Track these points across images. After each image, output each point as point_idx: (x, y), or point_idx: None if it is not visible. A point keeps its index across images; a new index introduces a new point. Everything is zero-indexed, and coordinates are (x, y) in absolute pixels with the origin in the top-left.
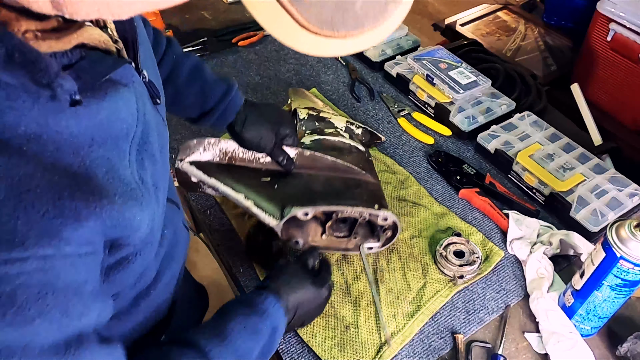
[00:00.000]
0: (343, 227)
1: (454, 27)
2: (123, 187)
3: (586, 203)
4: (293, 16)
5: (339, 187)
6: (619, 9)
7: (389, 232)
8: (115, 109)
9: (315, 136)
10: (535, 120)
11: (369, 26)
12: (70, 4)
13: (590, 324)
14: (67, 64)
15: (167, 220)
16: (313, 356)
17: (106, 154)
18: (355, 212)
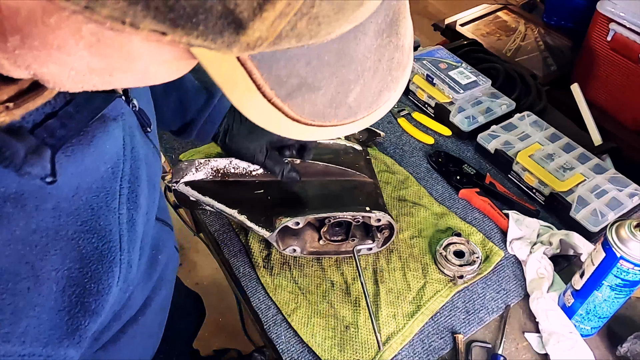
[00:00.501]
0: (339, 231)
1: (454, 27)
2: (97, 242)
3: (586, 203)
4: (287, 114)
5: (333, 191)
6: (619, 9)
7: (385, 232)
8: (102, 151)
9: None
10: (535, 120)
11: (361, 115)
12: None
13: (590, 324)
14: (51, 112)
15: (161, 244)
16: (313, 356)
17: (91, 202)
18: (347, 216)
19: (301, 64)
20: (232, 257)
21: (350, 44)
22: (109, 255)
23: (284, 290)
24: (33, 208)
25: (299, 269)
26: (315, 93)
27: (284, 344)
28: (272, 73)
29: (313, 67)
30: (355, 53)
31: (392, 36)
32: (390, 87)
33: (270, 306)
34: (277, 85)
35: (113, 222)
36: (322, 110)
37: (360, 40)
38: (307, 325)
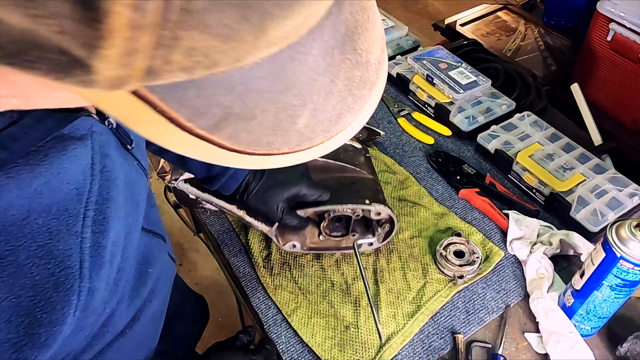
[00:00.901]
0: (339, 226)
1: (454, 27)
2: (49, 273)
3: (586, 203)
4: (221, 145)
5: (332, 186)
6: (619, 9)
7: (386, 226)
8: (58, 172)
9: None
10: (535, 120)
11: (319, 140)
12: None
13: (590, 324)
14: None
15: (150, 258)
16: (313, 356)
17: (48, 225)
18: (346, 209)
19: (220, 93)
20: (232, 257)
21: (287, 67)
22: (66, 282)
23: (284, 290)
24: None
25: (299, 269)
26: (249, 122)
27: (284, 344)
28: (184, 104)
29: (238, 95)
30: (295, 76)
31: (347, 53)
32: (353, 108)
33: (270, 306)
34: (195, 116)
35: (74, 246)
36: (265, 139)
37: (300, 61)
38: (307, 325)
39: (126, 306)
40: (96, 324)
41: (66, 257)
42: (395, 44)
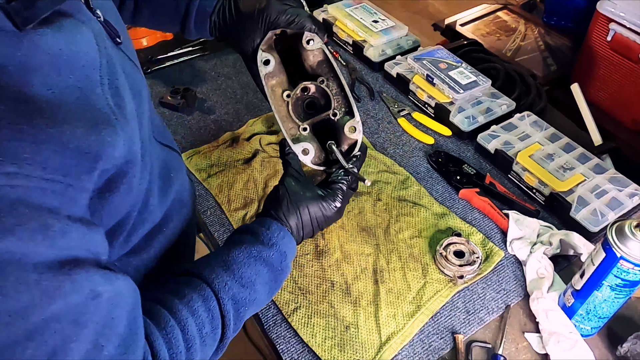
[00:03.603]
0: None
1: (454, 27)
2: (94, 112)
3: (586, 203)
4: None
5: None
6: (619, 9)
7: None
8: (74, 41)
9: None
10: (535, 120)
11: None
12: None
13: (590, 324)
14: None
15: (170, 166)
16: (313, 356)
17: (77, 83)
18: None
19: None
20: None
21: None
22: (109, 122)
23: (284, 290)
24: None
25: (299, 269)
26: None
27: (284, 344)
28: None
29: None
30: None
31: None
32: None
33: (270, 306)
34: None
35: (102, 102)
36: None
37: None
38: (307, 325)
39: (158, 200)
40: (136, 196)
41: (99, 108)
42: (395, 44)
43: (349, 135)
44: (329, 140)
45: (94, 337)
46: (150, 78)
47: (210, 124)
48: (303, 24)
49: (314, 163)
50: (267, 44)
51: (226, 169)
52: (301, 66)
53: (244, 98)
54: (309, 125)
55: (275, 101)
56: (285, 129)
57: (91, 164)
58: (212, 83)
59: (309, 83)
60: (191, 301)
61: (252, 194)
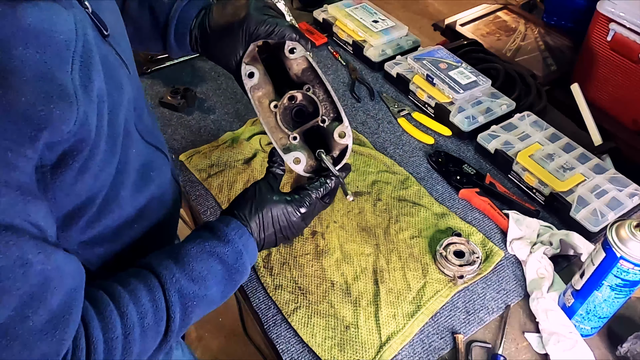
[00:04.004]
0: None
1: (454, 27)
2: (53, 87)
3: (586, 203)
4: None
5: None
6: (619, 9)
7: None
8: (47, 18)
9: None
10: (535, 120)
11: None
12: None
13: (590, 324)
14: None
15: (153, 163)
16: (313, 356)
17: (44, 58)
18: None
19: None
20: None
21: None
22: (65, 98)
23: (284, 290)
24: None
25: (299, 269)
26: None
27: (284, 344)
28: None
29: None
30: None
31: None
32: None
33: (270, 306)
34: None
35: (67, 79)
36: None
37: None
38: (307, 325)
39: (130, 193)
40: (99, 182)
41: (62, 84)
42: (395, 44)
43: (338, 141)
44: (321, 147)
45: (19, 304)
46: (150, 78)
47: (210, 124)
48: (283, 34)
49: (306, 171)
50: (250, 56)
51: (226, 169)
52: (287, 75)
53: (244, 98)
54: (298, 134)
55: (262, 112)
56: (275, 139)
57: (34, 132)
58: (212, 83)
59: (295, 92)
60: (135, 289)
61: None
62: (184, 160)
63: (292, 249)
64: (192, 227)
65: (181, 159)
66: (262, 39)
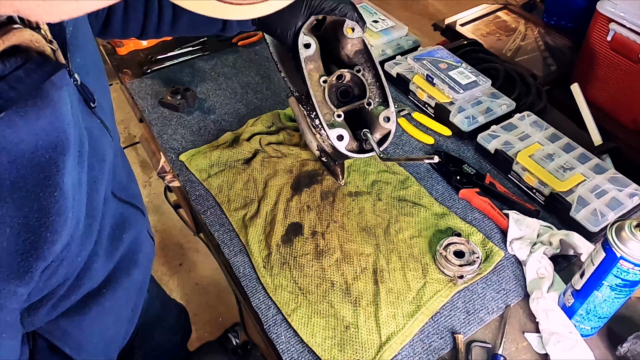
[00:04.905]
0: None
1: (454, 27)
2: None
3: (586, 203)
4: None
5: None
6: (619, 9)
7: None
8: (59, 114)
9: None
10: (535, 120)
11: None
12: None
13: (590, 324)
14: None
15: (125, 223)
16: (313, 356)
17: (55, 159)
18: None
19: None
20: (232, 257)
21: None
22: (65, 210)
23: (284, 290)
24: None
25: (299, 269)
26: None
27: (284, 344)
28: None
29: None
30: None
31: None
32: None
33: (270, 306)
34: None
35: (74, 181)
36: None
37: None
38: (307, 325)
39: (102, 263)
40: (73, 266)
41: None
42: (395, 44)
43: (383, 125)
44: (360, 129)
45: None
46: (150, 78)
47: (210, 124)
48: (345, 12)
49: (348, 150)
50: (308, 28)
51: (226, 169)
52: (337, 54)
53: (244, 98)
54: (343, 113)
55: (312, 85)
56: (321, 113)
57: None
58: (212, 83)
59: (346, 71)
60: None
61: (252, 194)
62: (184, 160)
63: (292, 249)
64: (192, 227)
65: (181, 159)
66: (324, 13)
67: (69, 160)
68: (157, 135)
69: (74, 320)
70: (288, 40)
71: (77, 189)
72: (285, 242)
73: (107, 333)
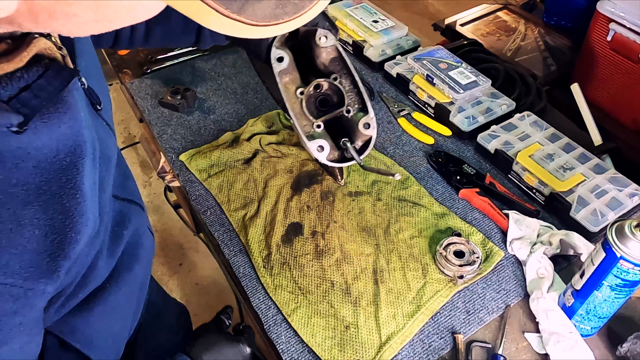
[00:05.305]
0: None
1: (454, 27)
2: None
3: (586, 203)
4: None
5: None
6: (619, 9)
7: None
8: (77, 119)
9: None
10: (535, 120)
11: (308, 7)
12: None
13: (590, 324)
14: (24, 86)
15: (125, 220)
16: (313, 356)
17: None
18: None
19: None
20: (232, 257)
21: None
22: (86, 210)
23: (284, 290)
24: (12, 165)
25: (299, 269)
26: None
27: (284, 344)
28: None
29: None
30: None
31: None
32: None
33: (270, 306)
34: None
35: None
36: (273, 12)
37: None
38: (307, 325)
39: (105, 261)
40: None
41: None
42: (395, 44)
43: (363, 132)
44: (342, 137)
45: None
46: (150, 78)
47: (210, 124)
48: (316, 21)
49: (329, 160)
50: (280, 41)
51: (226, 169)
52: (313, 63)
53: (244, 98)
54: (322, 122)
55: (289, 98)
56: (300, 125)
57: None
58: (212, 83)
59: (322, 80)
60: None
61: (252, 194)
62: (184, 160)
63: (292, 249)
64: (192, 227)
65: (181, 159)
66: None
67: (87, 163)
68: (157, 135)
69: (82, 316)
70: (262, 55)
71: (93, 190)
72: (285, 242)
73: (114, 327)
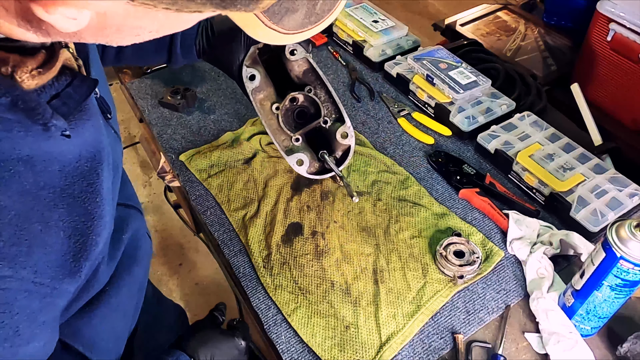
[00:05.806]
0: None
1: (454, 27)
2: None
3: (586, 203)
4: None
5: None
6: (619, 9)
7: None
8: (97, 126)
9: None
10: (535, 120)
11: (325, 17)
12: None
13: (590, 324)
14: (55, 94)
15: (124, 224)
16: (313, 356)
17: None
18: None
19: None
20: (232, 257)
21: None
22: (105, 213)
23: (284, 290)
24: (41, 168)
25: (299, 269)
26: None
27: (284, 344)
28: (268, 10)
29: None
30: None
31: None
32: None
33: (270, 306)
34: (271, 16)
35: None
36: (301, 22)
37: None
38: (307, 325)
39: (106, 265)
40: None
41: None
42: (395, 44)
43: (341, 142)
44: (323, 148)
45: None
46: (150, 78)
47: (210, 124)
48: None
49: (309, 172)
50: (251, 59)
51: (226, 169)
52: (288, 77)
53: (244, 98)
54: (301, 136)
55: (264, 115)
56: (278, 141)
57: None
58: (212, 83)
59: (297, 93)
60: None
61: (252, 194)
62: (184, 160)
63: (292, 249)
64: (192, 227)
65: (181, 159)
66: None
67: (105, 168)
68: (157, 135)
69: (84, 318)
70: (234, 74)
71: (109, 194)
72: (285, 242)
73: (115, 329)
